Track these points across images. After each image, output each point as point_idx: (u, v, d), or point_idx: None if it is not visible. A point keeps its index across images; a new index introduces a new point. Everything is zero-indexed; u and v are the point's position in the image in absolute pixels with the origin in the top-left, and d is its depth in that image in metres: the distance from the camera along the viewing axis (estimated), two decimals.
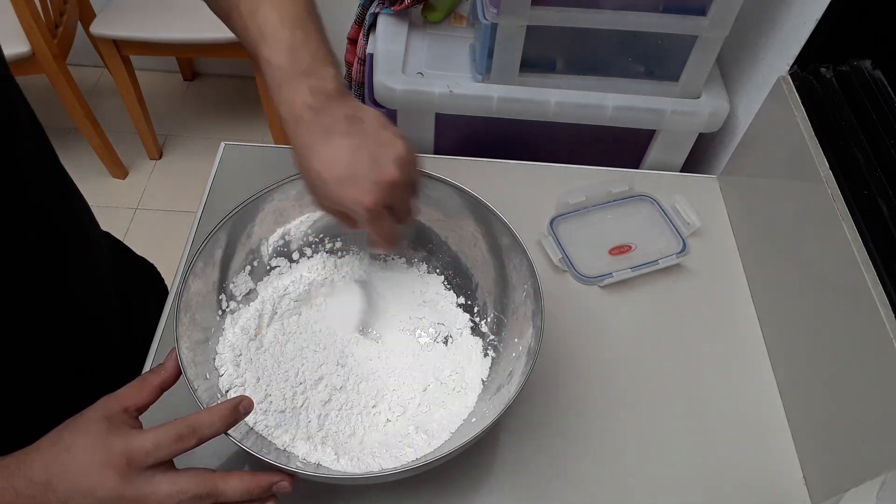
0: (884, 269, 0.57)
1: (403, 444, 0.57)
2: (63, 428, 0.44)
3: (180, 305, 0.54)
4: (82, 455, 0.42)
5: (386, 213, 0.51)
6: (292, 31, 0.49)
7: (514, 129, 0.91)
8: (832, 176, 0.64)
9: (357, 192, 0.49)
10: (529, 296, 0.59)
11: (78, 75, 1.69)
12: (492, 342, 0.64)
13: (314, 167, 0.49)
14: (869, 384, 0.56)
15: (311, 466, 0.54)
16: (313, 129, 0.49)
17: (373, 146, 0.49)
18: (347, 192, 0.49)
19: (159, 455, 0.42)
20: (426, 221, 0.66)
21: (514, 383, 0.55)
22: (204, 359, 0.56)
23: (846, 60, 0.72)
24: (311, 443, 0.56)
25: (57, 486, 0.41)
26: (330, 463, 0.55)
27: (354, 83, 1.00)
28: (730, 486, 0.63)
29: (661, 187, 0.87)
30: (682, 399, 0.69)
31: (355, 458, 0.56)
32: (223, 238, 0.60)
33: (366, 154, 0.49)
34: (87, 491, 0.41)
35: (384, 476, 0.51)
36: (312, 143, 0.49)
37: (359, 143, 0.49)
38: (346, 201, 0.49)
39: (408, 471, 0.51)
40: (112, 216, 1.83)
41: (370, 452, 0.56)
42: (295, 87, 0.49)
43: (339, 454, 0.56)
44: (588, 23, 0.79)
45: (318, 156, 0.49)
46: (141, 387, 0.48)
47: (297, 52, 0.49)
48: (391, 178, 0.49)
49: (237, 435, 0.49)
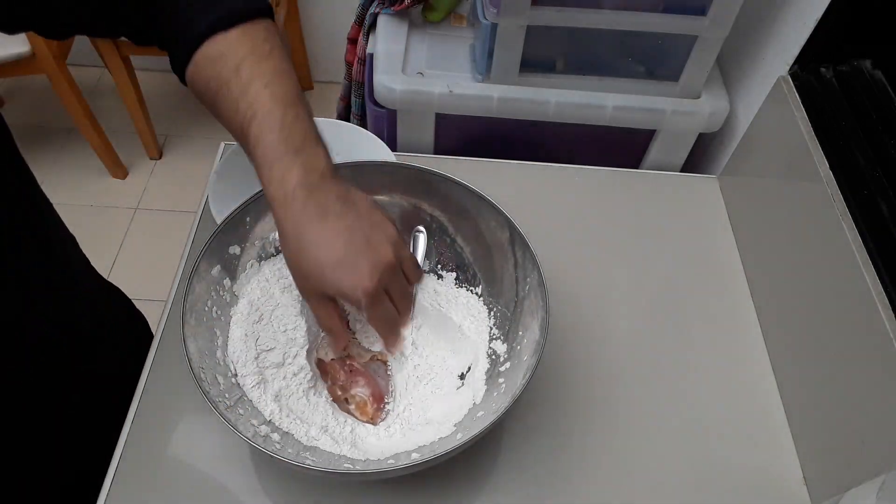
0: (884, 269, 0.57)
1: (406, 440, 0.57)
2: None
3: (185, 308, 0.54)
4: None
5: (385, 297, 0.50)
6: (284, 110, 0.47)
7: (514, 129, 0.91)
8: (832, 176, 0.64)
9: (356, 276, 0.48)
10: (533, 289, 0.59)
11: (78, 75, 1.69)
12: (495, 336, 0.64)
13: (309, 251, 0.47)
14: (869, 384, 0.55)
15: (322, 461, 0.55)
16: (306, 209, 0.47)
17: (366, 228, 0.49)
18: (346, 275, 0.48)
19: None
20: (427, 216, 0.66)
21: (520, 377, 0.55)
22: (212, 362, 0.57)
23: (846, 60, 0.72)
24: (306, 428, 0.57)
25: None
26: (336, 458, 0.55)
27: (354, 83, 1.00)
28: (730, 486, 0.63)
29: (661, 187, 0.87)
30: (683, 399, 0.69)
31: (361, 452, 0.56)
32: (224, 238, 0.60)
33: (361, 236, 0.48)
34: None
35: (389, 471, 0.51)
36: (305, 224, 0.47)
37: (353, 224, 0.48)
38: (344, 285, 0.48)
39: (414, 466, 0.51)
40: (112, 216, 1.83)
41: (376, 446, 0.57)
42: (287, 165, 0.47)
43: (337, 442, 0.56)
44: (588, 23, 0.79)
45: (313, 238, 0.47)
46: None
47: (289, 131, 0.47)
48: (388, 260, 0.49)
49: (248, 430, 0.49)
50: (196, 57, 0.49)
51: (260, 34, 0.49)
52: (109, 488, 0.59)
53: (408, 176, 0.65)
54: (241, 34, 0.49)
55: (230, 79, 0.48)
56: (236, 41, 0.49)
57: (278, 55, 0.50)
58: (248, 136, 0.48)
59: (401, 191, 0.66)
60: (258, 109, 0.47)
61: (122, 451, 0.61)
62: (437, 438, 0.57)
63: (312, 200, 0.47)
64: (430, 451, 0.55)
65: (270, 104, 0.47)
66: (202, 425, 0.63)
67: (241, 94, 0.48)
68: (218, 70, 0.48)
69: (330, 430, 0.57)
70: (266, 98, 0.47)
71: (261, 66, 0.48)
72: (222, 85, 0.48)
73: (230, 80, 0.48)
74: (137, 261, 1.74)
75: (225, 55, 0.48)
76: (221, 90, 0.49)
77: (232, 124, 0.49)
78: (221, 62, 0.48)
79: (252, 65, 0.48)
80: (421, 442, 0.57)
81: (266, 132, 0.47)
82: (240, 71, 0.48)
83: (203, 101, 0.52)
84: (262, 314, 0.62)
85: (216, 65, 0.48)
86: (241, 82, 0.48)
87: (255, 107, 0.47)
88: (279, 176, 0.47)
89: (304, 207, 0.47)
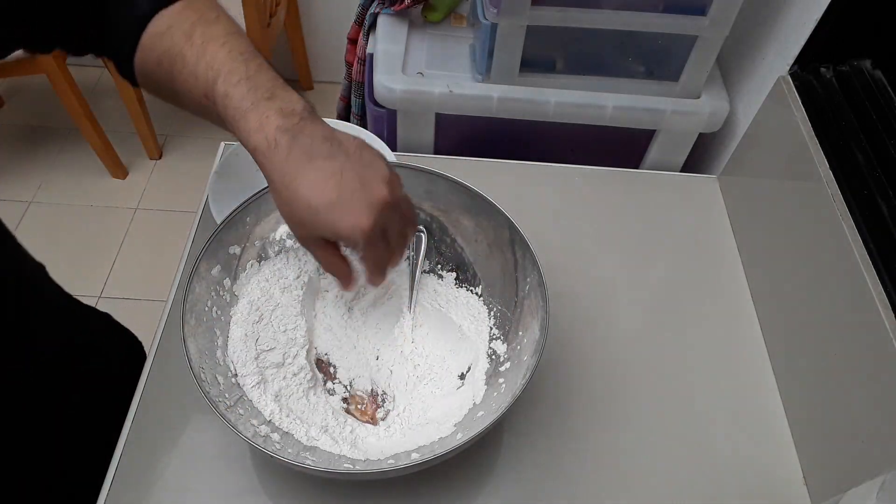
0: (884, 269, 0.57)
1: (406, 440, 0.57)
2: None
3: (185, 308, 0.54)
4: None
5: (381, 238, 0.49)
6: (246, 63, 0.46)
7: (514, 129, 0.91)
8: (832, 176, 0.64)
9: (353, 217, 0.46)
10: (534, 289, 0.59)
11: (78, 75, 1.69)
12: (495, 336, 0.64)
13: (302, 195, 0.46)
14: (869, 384, 0.55)
15: (322, 461, 0.55)
16: (292, 153, 0.45)
17: (358, 168, 0.47)
18: (342, 216, 0.46)
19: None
20: (427, 216, 0.66)
21: (520, 377, 0.55)
22: (212, 363, 0.57)
23: (846, 60, 0.72)
24: (306, 428, 0.57)
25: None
26: (336, 458, 0.55)
27: (354, 83, 1.00)
28: (730, 486, 0.63)
29: (661, 187, 0.88)
30: (682, 399, 0.69)
31: (361, 452, 0.56)
32: (224, 238, 0.60)
33: (354, 176, 0.46)
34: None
35: (389, 471, 0.51)
36: (294, 169, 0.46)
37: (343, 165, 0.46)
38: (341, 227, 0.46)
39: (414, 466, 0.51)
40: (112, 216, 1.83)
41: (376, 447, 0.57)
42: (263, 112, 0.45)
43: (337, 442, 0.56)
44: (588, 23, 0.79)
45: (303, 182, 0.46)
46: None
47: (256, 80, 0.46)
48: (384, 199, 0.47)
49: (249, 429, 0.49)
50: (143, 40, 0.48)
51: (204, 3, 0.49)
52: (109, 488, 0.59)
53: (407, 176, 0.65)
54: (185, 6, 0.48)
55: (183, 47, 0.47)
56: (181, 12, 0.48)
57: (226, 19, 0.49)
58: (214, 97, 0.46)
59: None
60: (220, 68, 0.46)
61: (122, 450, 0.61)
62: (437, 438, 0.57)
63: (297, 145, 0.45)
64: (430, 450, 0.55)
65: (231, 61, 0.46)
66: (202, 425, 0.63)
67: (198, 59, 0.47)
68: (168, 44, 0.48)
69: (330, 430, 0.57)
70: (224, 55, 0.46)
71: (212, 29, 0.47)
72: (176, 57, 0.47)
73: (183, 48, 0.47)
74: (137, 261, 1.74)
75: (173, 27, 0.48)
76: (176, 64, 0.47)
77: (194, 95, 0.48)
78: (170, 35, 0.48)
79: (203, 29, 0.47)
80: (421, 442, 0.57)
81: (233, 87, 0.46)
82: (192, 37, 0.47)
83: (159, 88, 0.51)
84: (262, 314, 0.62)
85: (165, 39, 0.48)
86: (196, 47, 0.47)
87: (216, 66, 0.46)
88: (256, 125, 0.45)
89: (289, 153, 0.45)
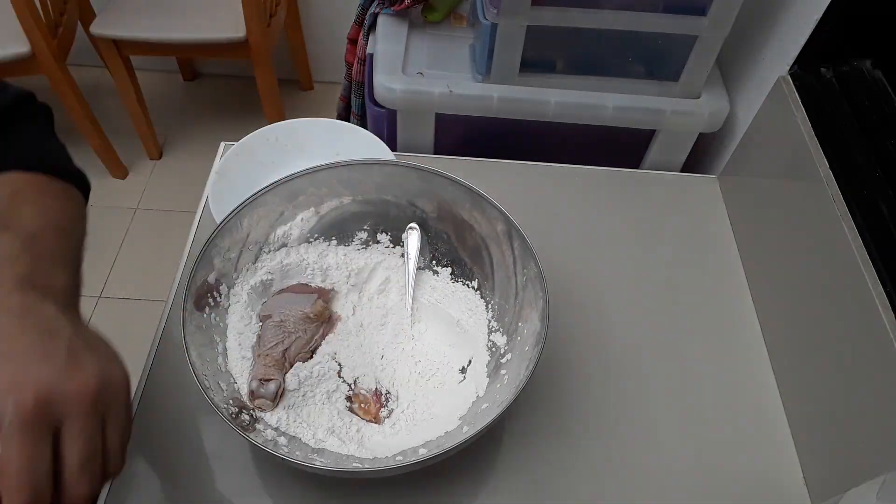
0: (884, 269, 0.57)
1: (412, 437, 0.58)
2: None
3: (185, 315, 0.54)
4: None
5: (47, 435, 0.34)
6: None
7: (514, 129, 0.91)
8: (832, 176, 0.64)
9: (20, 373, 0.34)
10: (532, 280, 0.59)
11: (78, 75, 1.69)
12: (494, 328, 0.64)
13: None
14: (869, 384, 0.55)
15: (331, 462, 0.55)
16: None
17: (71, 340, 0.38)
18: (6, 367, 0.34)
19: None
20: (426, 216, 0.66)
21: (523, 368, 0.56)
22: (213, 368, 0.57)
23: (846, 60, 0.72)
24: (313, 431, 0.57)
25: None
26: (344, 458, 0.55)
27: (354, 83, 1.00)
28: (730, 487, 0.63)
29: (661, 187, 0.88)
30: (683, 399, 0.69)
31: (368, 451, 0.56)
32: (225, 238, 0.60)
33: (55, 343, 0.37)
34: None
35: (398, 468, 0.51)
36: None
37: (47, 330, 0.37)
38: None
39: (422, 461, 0.51)
40: (112, 216, 1.83)
41: (382, 444, 0.57)
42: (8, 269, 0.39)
43: (344, 442, 0.56)
44: (588, 23, 0.79)
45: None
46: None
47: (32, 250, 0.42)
48: (84, 386, 0.36)
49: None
50: None
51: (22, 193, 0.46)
52: (109, 488, 0.59)
53: (405, 174, 0.65)
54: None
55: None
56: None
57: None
58: None
59: (398, 189, 0.66)
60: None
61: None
62: (443, 433, 0.57)
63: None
64: (437, 445, 0.55)
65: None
66: (202, 425, 0.63)
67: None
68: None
69: (336, 431, 0.58)
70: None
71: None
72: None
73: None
74: (137, 261, 1.74)
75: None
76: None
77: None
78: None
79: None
80: (427, 437, 0.57)
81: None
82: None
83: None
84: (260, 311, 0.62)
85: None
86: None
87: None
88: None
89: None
